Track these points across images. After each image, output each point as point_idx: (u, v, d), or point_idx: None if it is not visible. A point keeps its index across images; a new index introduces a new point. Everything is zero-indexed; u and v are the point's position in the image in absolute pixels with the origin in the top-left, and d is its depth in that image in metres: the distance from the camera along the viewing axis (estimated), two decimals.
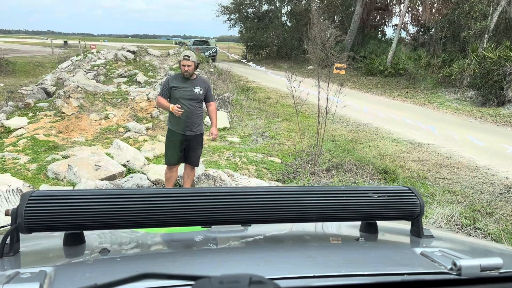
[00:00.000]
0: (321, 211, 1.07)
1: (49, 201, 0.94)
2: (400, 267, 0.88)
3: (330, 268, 0.86)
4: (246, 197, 1.03)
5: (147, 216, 0.97)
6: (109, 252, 0.99)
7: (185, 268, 0.87)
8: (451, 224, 4.40)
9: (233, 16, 38.94)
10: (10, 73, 23.65)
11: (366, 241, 1.14)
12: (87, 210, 0.95)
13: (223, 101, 11.73)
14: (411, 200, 1.14)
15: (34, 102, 9.54)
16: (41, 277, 0.75)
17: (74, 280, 0.78)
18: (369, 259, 0.97)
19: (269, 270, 0.85)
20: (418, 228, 1.17)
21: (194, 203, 1.00)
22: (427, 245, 1.09)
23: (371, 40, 26.06)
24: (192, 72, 4.39)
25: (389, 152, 7.62)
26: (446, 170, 6.66)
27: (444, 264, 0.85)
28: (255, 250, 1.08)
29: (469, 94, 14.46)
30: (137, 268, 0.86)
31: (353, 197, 1.10)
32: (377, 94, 16.86)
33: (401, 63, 19.33)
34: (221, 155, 7.15)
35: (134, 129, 8.68)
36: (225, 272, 0.60)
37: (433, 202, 5.07)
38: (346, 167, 6.34)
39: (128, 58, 19.48)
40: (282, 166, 6.87)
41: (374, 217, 1.15)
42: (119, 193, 0.99)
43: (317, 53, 6.06)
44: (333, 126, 9.96)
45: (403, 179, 5.95)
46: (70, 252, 1.03)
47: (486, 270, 0.78)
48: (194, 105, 4.45)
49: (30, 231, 0.94)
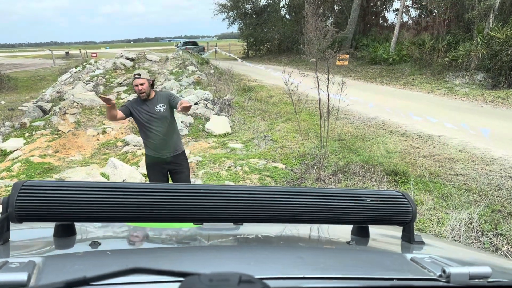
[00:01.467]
0: (314, 213, 1.07)
1: (41, 191, 0.94)
2: (390, 272, 0.88)
3: (320, 270, 0.86)
4: (239, 195, 1.03)
5: (139, 210, 0.97)
6: (100, 245, 0.99)
7: (175, 264, 0.87)
8: (470, 231, 4.04)
9: (232, 13, 38.57)
10: (12, 89, 23.58)
11: (357, 245, 1.15)
12: (79, 202, 0.94)
13: (223, 104, 11.42)
14: (403, 206, 1.14)
15: (30, 121, 9.33)
16: (30, 267, 0.75)
17: (63, 272, 0.78)
18: (359, 262, 0.97)
19: (259, 269, 0.85)
20: (409, 233, 1.17)
21: (187, 199, 0.99)
22: (418, 251, 1.10)
23: (373, 28, 25.53)
24: (148, 90, 3.97)
25: (398, 149, 7.25)
26: (460, 165, 6.28)
27: (433, 270, 0.85)
28: (246, 249, 1.09)
29: (478, 77, 13.95)
30: (127, 262, 0.85)
31: (346, 200, 1.10)
32: (382, 84, 16.41)
33: (405, 49, 18.83)
34: (222, 165, 6.84)
35: (133, 142, 8.41)
36: (215, 270, 0.59)
37: (449, 206, 4.71)
38: (353, 170, 6.00)
39: (127, 66, 19.25)
40: (286, 172, 6.55)
41: (366, 221, 1.15)
42: (112, 186, 0.99)
43: (314, 53, 5.70)
44: (338, 123, 9.59)
45: (414, 179, 5.59)
46: (60, 244, 1.02)
47: (474, 278, 0.78)
48: (163, 125, 4.03)
49: (21, 220, 0.94)
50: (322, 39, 5.60)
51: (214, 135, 9.20)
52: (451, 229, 4.07)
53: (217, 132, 9.29)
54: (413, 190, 5.09)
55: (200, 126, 9.75)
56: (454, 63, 15.13)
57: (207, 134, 9.31)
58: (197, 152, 8.06)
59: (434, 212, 4.58)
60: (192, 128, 9.61)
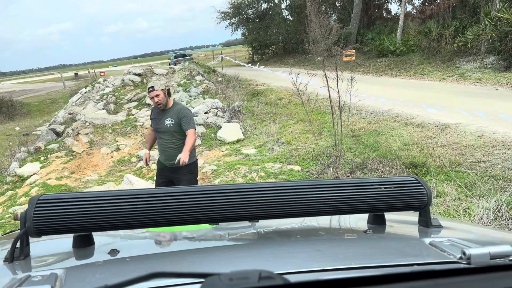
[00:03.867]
0: (328, 205, 1.07)
1: (57, 204, 0.95)
2: (409, 258, 0.87)
3: (339, 261, 0.85)
4: (252, 193, 1.03)
5: (154, 215, 0.97)
6: (119, 253, 1.00)
7: (194, 266, 0.87)
8: (499, 219, 3.90)
9: (234, 20, 38.63)
10: (26, 115, 23.97)
11: (374, 233, 1.13)
12: (95, 212, 0.95)
13: (233, 111, 11.37)
14: (418, 190, 1.12)
15: (45, 144, 9.41)
16: (52, 279, 0.75)
17: (84, 282, 0.78)
18: (378, 251, 0.96)
19: (278, 265, 0.84)
20: (426, 218, 1.15)
21: (201, 201, 0.99)
22: (436, 235, 1.08)
23: (377, 21, 25.30)
24: (165, 101, 3.96)
25: (414, 140, 7.10)
26: (481, 151, 6.11)
27: (453, 253, 0.84)
28: (263, 246, 1.10)
29: (489, 60, 13.67)
30: (146, 267, 0.85)
31: (360, 189, 1.09)
32: (391, 76, 16.21)
33: (412, 39, 18.59)
34: (237, 172, 6.78)
35: None
36: (234, 268, 0.58)
37: (475, 194, 4.56)
38: (371, 166, 5.88)
39: (135, 82, 19.40)
40: (303, 174, 6.46)
41: (382, 209, 1.14)
42: (127, 193, 0.99)
43: (320, 51, 5.62)
44: (350, 119, 9.47)
45: (435, 170, 5.45)
46: (80, 254, 1.04)
47: (495, 258, 0.77)
48: (168, 138, 4.02)
49: (40, 234, 0.94)
50: (327, 37, 5.51)
51: (227, 143, 9.15)
52: (479, 219, 3.93)
53: (230, 139, 9.24)
54: (434, 182, 4.95)
55: (212, 134, 9.72)
56: (463, 48, 14.86)
57: (220, 142, 9.27)
58: (212, 161, 8.02)
59: (460, 202, 4.44)
60: (204, 138, 9.58)
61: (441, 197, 4.59)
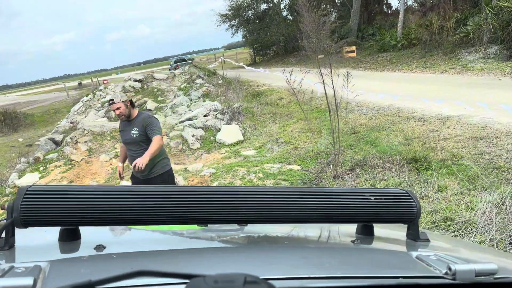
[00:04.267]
0: (318, 213, 1.06)
1: (46, 196, 0.93)
2: (395, 271, 0.87)
3: (325, 270, 0.85)
4: (243, 196, 1.02)
5: (143, 213, 0.96)
6: (105, 249, 0.98)
7: (180, 266, 0.86)
8: (503, 213, 3.72)
9: (234, 22, 38.54)
10: (29, 126, 24.05)
11: (362, 244, 1.12)
12: (83, 206, 0.94)
13: (233, 113, 11.26)
14: (407, 203, 1.12)
15: (44, 154, 9.35)
16: (35, 271, 0.74)
17: (68, 276, 0.77)
18: (365, 261, 0.96)
19: (264, 270, 0.84)
20: (414, 231, 1.15)
21: (191, 201, 0.98)
22: (423, 249, 1.08)
23: (377, 16, 25.08)
24: (127, 112, 3.88)
25: (416, 135, 6.92)
26: (484, 143, 5.92)
27: (439, 268, 0.83)
28: (250, 250, 1.09)
29: (492, 50, 13.42)
30: (132, 265, 0.84)
31: (350, 199, 1.09)
32: (393, 71, 16.00)
33: (413, 32, 18.36)
34: (235, 174, 6.65)
35: None
36: (220, 271, 0.57)
37: (477, 188, 4.39)
38: (371, 163, 5.72)
39: (136, 88, 19.38)
40: (302, 174, 6.31)
41: (371, 220, 1.14)
42: (116, 189, 0.98)
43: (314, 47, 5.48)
44: (351, 116, 9.32)
45: (436, 164, 5.28)
46: (65, 248, 1.02)
47: (481, 275, 0.77)
48: (136, 149, 3.92)
49: (26, 225, 0.93)
50: (320, 32, 5.37)
51: (227, 145, 9.03)
52: (482, 213, 3.76)
53: (229, 142, 9.12)
54: (436, 176, 4.79)
55: (211, 137, 9.61)
56: (465, 39, 14.62)
57: (219, 144, 9.16)
58: (211, 164, 7.90)
59: (462, 196, 4.27)
60: (203, 141, 9.47)
61: (442, 192, 4.43)
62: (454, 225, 3.78)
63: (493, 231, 3.52)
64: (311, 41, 5.44)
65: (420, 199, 4.43)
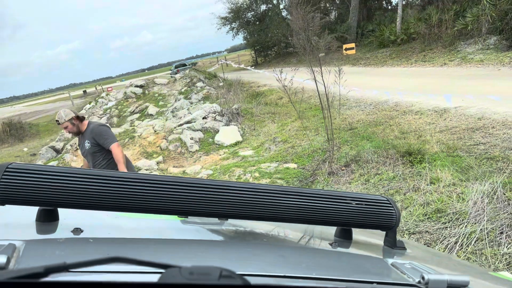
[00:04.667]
0: (298, 213, 1.06)
1: (26, 174, 0.92)
2: (370, 276, 0.87)
3: (301, 270, 0.85)
4: (225, 191, 1.01)
5: (124, 199, 0.95)
6: (82, 232, 0.98)
7: (156, 256, 0.84)
8: (494, 202, 3.68)
9: (234, 24, 38.61)
10: (35, 135, 24.26)
11: (340, 247, 1.14)
12: (63, 187, 0.92)
13: (232, 114, 11.27)
14: (387, 211, 1.13)
15: (44, 163, 9.42)
16: (9, 250, 0.73)
17: (43, 257, 0.77)
18: (341, 264, 0.97)
19: (240, 265, 0.84)
20: (392, 239, 1.17)
21: (173, 191, 0.97)
22: (399, 257, 1.10)
23: (376, 12, 24.98)
24: (75, 129, 3.90)
25: (412, 128, 6.88)
26: (480, 134, 5.87)
27: (412, 276, 0.85)
28: (228, 245, 1.10)
29: (491, 41, 13.31)
30: (108, 250, 0.84)
31: (331, 202, 1.09)
32: (393, 66, 15.92)
33: (412, 27, 18.26)
34: (232, 174, 6.65)
35: (145, 167, 8.35)
36: (197, 263, 0.57)
37: (470, 178, 4.35)
38: (366, 158, 5.69)
39: (137, 93, 19.47)
40: (298, 172, 6.30)
41: (350, 224, 1.15)
42: (98, 174, 0.96)
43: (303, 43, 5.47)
44: (348, 112, 9.29)
45: (431, 156, 5.24)
46: (42, 228, 1.01)
47: (452, 286, 0.78)
48: (93, 161, 3.94)
49: (3, 203, 0.92)
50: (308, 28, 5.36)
51: (225, 146, 9.04)
52: (473, 204, 3.72)
53: (228, 143, 9.13)
54: (429, 168, 4.75)
55: (210, 139, 9.63)
56: (464, 31, 14.51)
57: (218, 146, 9.17)
58: (209, 166, 7.92)
59: (454, 188, 4.23)
60: (202, 143, 9.49)
61: (435, 184, 4.39)
62: (445, 216, 3.75)
63: (484, 221, 3.48)
64: (299, 38, 5.43)
65: (413, 191, 4.40)
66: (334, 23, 25.85)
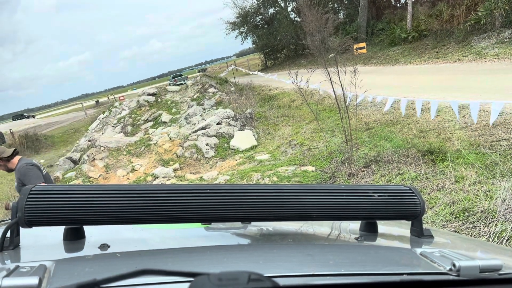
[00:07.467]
0: (321, 210, 1.06)
1: (50, 195, 0.94)
2: (399, 267, 0.86)
3: (329, 267, 0.84)
4: (246, 194, 1.02)
5: (147, 212, 0.96)
6: (109, 248, 0.99)
7: (184, 265, 0.86)
8: None
9: (243, 29, 38.71)
10: (50, 147, 24.52)
11: (366, 241, 1.14)
12: (87, 205, 0.94)
13: (246, 118, 11.26)
14: (411, 200, 1.12)
15: (62, 174, 9.52)
16: (40, 271, 0.74)
17: (73, 275, 0.77)
18: (369, 258, 0.95)
19: (268, 268, 0.84)
20: (418, 228, 1.15)
21: (194, 199, 0.98)
22: (427, 246, 1.08)
23: (385, 10, 24.82)
24: (5, 168, 3.71)
25: (431, 126, 6.78)
26: (502, 129, 5.76)
27: (443, 264, 0.82)
28: (254, 248, 1.11)
29: (505, 34, 13.09)
30: (136, 263, 0.85)
31: (354, 196, 1.09)
32: (405, 64, 15.77)
33: (423, 23, 18.09)
34: (250, 179, 6.62)
35: (162, 175, 8.37)
36: (224, 269, 0.58)
37: (496, 175, 4.25)
38: (386, 158, 5.61)
39: (150, 102, 19.60)
40: (317, 174, 6.24)
41: (375, 217, 1.14)
42: (119, 188, 0.98)
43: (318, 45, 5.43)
44: (364, 112, 9.20)
45: (452, 154, 5.14)
46: (70, 247, 1.03)
47: (485, 271, 0.76)
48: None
49: (31, 225, 0.94)
50: (323, 29, 5.32)
51: (241, 151, 9.02)
52: (501, 201, 3.63)
53: (243, 147, 9.11)
54: (452, 166, 4.66)
55: (225, 145, 9.62)
56: (477, 26, 14.32)
57: (234, 151, 9.15)
58: (226, 171, 7.90)
59: (480, 186, 4.14)
60: (217, 149, 9.49)
61: (460, 183, 4.30)
62: (473, 215, 3.66)
63: None
64: (314, 40, 5.39)
65: (437, 191, 4.32)
66: (343, 23, 25.73)
